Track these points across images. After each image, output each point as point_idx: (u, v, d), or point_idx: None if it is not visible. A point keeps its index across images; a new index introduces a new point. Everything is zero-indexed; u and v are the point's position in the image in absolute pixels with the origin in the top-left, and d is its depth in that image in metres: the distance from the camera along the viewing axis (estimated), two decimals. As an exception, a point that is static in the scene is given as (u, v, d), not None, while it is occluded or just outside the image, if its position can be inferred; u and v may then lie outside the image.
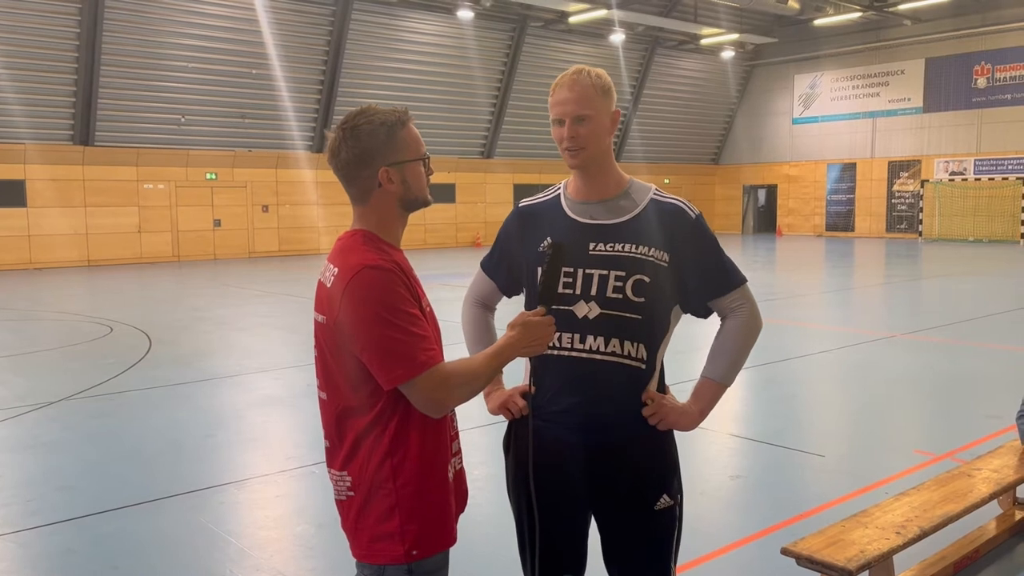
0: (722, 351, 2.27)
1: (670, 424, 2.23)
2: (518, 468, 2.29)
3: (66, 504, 4.67)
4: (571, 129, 2.16)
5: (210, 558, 3.96)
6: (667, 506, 2.23)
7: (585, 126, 2.16)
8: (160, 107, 21.36)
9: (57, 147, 20.36)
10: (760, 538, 4.08)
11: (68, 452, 5.68)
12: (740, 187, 35.02)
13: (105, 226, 21.34)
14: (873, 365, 8.38)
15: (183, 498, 4.74)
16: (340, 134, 1.94)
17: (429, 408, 1.88)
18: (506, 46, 26.83)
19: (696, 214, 2.25)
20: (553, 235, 2.22)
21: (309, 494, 4.86)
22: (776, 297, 13.74)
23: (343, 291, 1.86)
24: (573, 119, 2.16)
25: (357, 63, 23.78)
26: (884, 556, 3.10)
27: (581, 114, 2.15)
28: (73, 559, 3.97)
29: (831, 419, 6.58)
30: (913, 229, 29.28)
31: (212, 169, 22.80)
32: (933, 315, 11.69)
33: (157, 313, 12.35)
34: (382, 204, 1.98)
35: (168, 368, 8.38)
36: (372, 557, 1.93)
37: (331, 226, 24.32)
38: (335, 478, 1.99)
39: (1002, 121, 27.30)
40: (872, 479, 4.88)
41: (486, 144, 28.10)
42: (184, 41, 20.93)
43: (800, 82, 32.42)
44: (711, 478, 5.06)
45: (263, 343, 10.02)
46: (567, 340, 2.17)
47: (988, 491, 3.71)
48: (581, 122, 2.15)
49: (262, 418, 6.61)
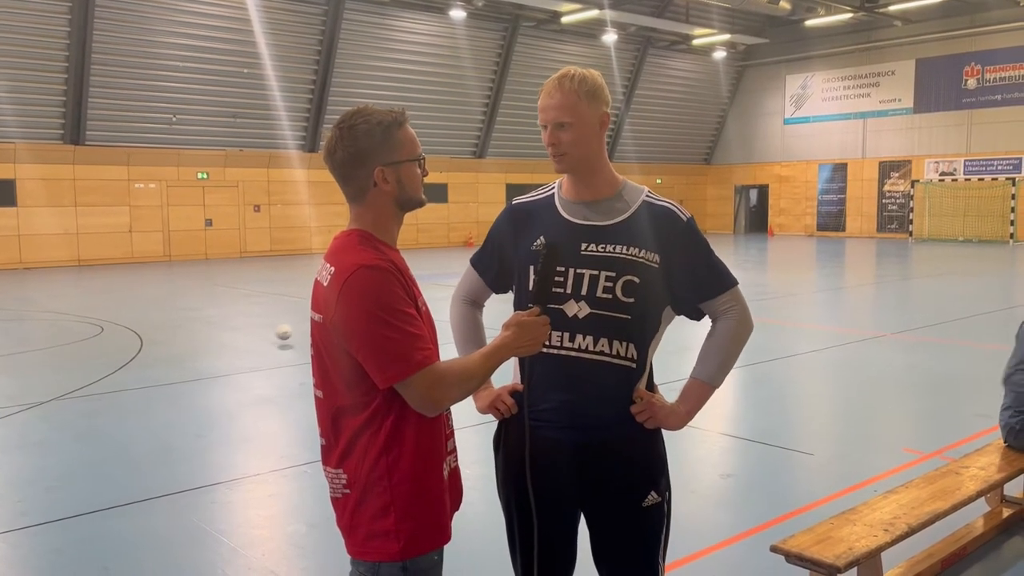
0: (712, 352, 2.29)
1: (659, 423, 2.26)
2: (508, 467, 2.31)
3: (56, 504, 4.65)
4: (552, 135, 2.19)
5: (201, 558, 3.96)
6: (655, 503, 2.25)
7: (567, 132, 2.17)
8: (151, 106, 21.27)
9: (47, 146, 20.26)
10: (750, 536, 4.11)
11: (58, 452, 5.66)
12: (732, 187, 35.12)
13: (96, 226, 21.24)
14: (863, 364, 8.43)
15: (174, 498, 4.74)
16: (337, 133, 1.95)
17: (424, 407, 1.89)
18: (498, 46, 26.84)
19: (687, 217, 2.27)
20: (546, 234, 2.24)
21: (301, 494, 4.86)
22: (767, 297, 13.80)
23: (339, 290, 1.87)
24: (554, 125, 2.18)
25: (349, 63, 23.75)
26: (872, 553, 3.13)
27: (562, 120, 2.17)
28: (62, 559, 3.96)
29: (821, 418, 6.62)
30: (903, 229, 29.42)
31: (203, 168, 22.73)
32: (922, 315, 11.76)
33: (148, 313, 12.31)
34: (378, 204, 1.99)
35: (159, 368, 8.36)
36: (367, 554, 1.94)
37: (323, 226, 24.26)
38: (330, 476, 2.00)
39: (992, 122, 27.46)
40: (861, 477, 4.92)
41: (478, 144, 28.10)
42: (176, 40, 20.86)
43: (791, 82, 32.54)
44: (702, 477, 5.09)
45: (255, 343, 10.00)
46: (556, 339, 2.19)
47: (975, 489, 3.75)
48: (562, 128, 2.17)
49: (254, 418, 6.60)
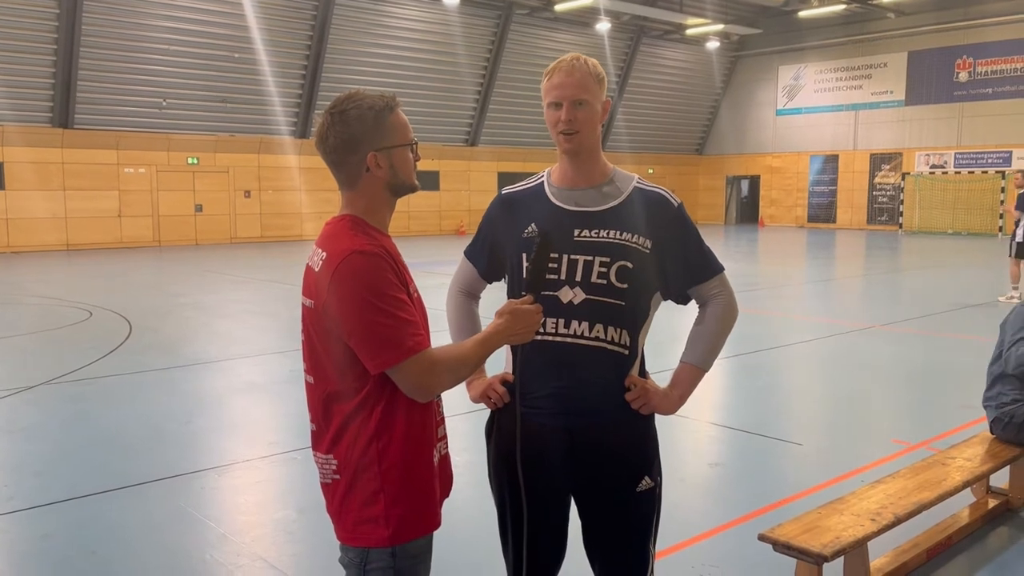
0: (701, 337, 2.31)
1: (653, 408, 2.27)
2: (500, 455, 2.31)
3: (44, 489, 4.64)
4: (569, 112, 2.18)
5: (190, 543, 3.96)
6: (648, 488, 2.27)
7: (583, 110, 2.18)
8: (141, 90, 21.10)
9: (36, 129, 20.08)
10: (738, 525, 4.13)
11: (46, 437, 5.64)
12: (723, 178, 35.15)
13: (85, 210, 21.09)
14: (852, 355, 8.47)
15: (163, 483, 4.73)
16: (328, 119, 1.94)
17: (416, 393, 1.89)
18: (491, 33, 26.72)
19: (678, 203, 2.30)
20: (538, 222, 2.24)
21: (291, 480, 4.86)
22: (758, 287, 13.83)
23: (331, 276, 1.86)
24: (572, 102, 2.18)
25: (341, 48, 23.60)
26: (859, 542, 3.15)
27: (580, 98, 2.18)
28: (51, 544, 3.95)
29: (810, 408, 6.66)
30: (893, 221, 29.53)
31: (194, 154, 22.59)
32: (911, 306, 11.81)
33: (137, 298, 12.25)
34: (370, 189, 1.98)
35: (148, 354, 8.33)
36: (356, 540, 1.94)
37: (314, 212, 24.17)
38: (320, 461, 2.00)
39: (983, 115, 27.55)
40: (849, 467, 4.95)
41: (471, 132, 28.01)
42: (166, 23, 20.67)
43: (784, 73, 32.53)
44: (691, 465, 5.11)
45: (244, 329, 9.97)
46: (551, 325, 2.19)
47: (961, 479, 3.78)
48: (579, 106, 2.18)
49: (243, 404, 6.59)
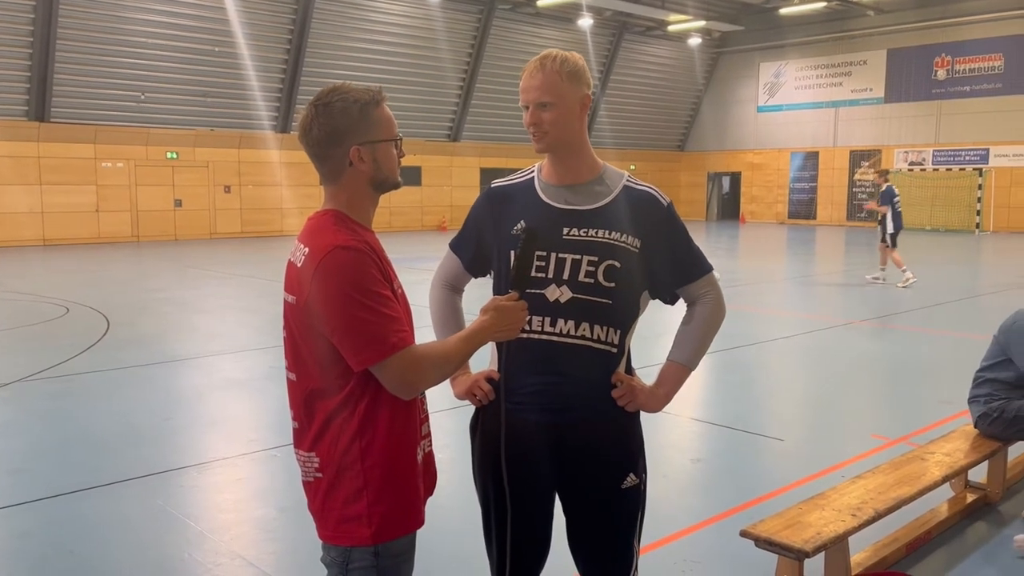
0: (689, 336, 2.31)
1: (639, 405, 2.27)
2: (484, 452, 2.30)
3: (20, 487, 4.58)
4: (534, 115, 2.20)
5: (168, 541, 3.92)
6: (633, 485, 2.27)
7: (548, 112, 2.19)
8: (119, 83, 20.86)
9: (11, 123, 19.79)
10: (720, 520, 4.15)
11: (22, 434, 5.57)
12: (705, 174, 35.31)
13: (62, 204, 20.83)
14: (832, 351, 8.54)
15: (141, 481, 4.68)
16: (312, 111, 1.91)
17: (400, 390, 1.87)
18: (474, 28, 26.65)
19: (667, 202, 2.30)
20: (527, 219, 2.22)
21: (271, 477, 4.83)
22: (739, 284, 13.91)
23: (314, 271, 1.83)
24: (536, 105, 2.19)
25: (322, 42, 23.45)
26: (840, 538, 3.17)
27: (543, 100, 2.18)
28: (28, 543, 3.90)
29: (791, 404, 6.70)
30: (873, 218, 29.77)
31: (173, 148, 22.37)
32: (890, 303, 11.92)
33: (115, 294, 12.12)
34: (353, 184, 1.95)
35: (126, 350, 8.24)
36: (338, 539, 1.92)
37: (295, 207, 24.00)
38: (302, 459, 1.97)
39: (961, 113, 27.84)
40: (829, 463, 4.98)
41: (453, 127, 27.94)
42: (144, 15, 20.44)
43: (765, 70, 32.71)
44: (673, 461, 5.13)
45: (224, 325, 9.89)
46: (537, 323, 2.18)
47: (940, 474, 3.82)
48: (544, 108, 2.19)
49: (223, 401, 6.53)
